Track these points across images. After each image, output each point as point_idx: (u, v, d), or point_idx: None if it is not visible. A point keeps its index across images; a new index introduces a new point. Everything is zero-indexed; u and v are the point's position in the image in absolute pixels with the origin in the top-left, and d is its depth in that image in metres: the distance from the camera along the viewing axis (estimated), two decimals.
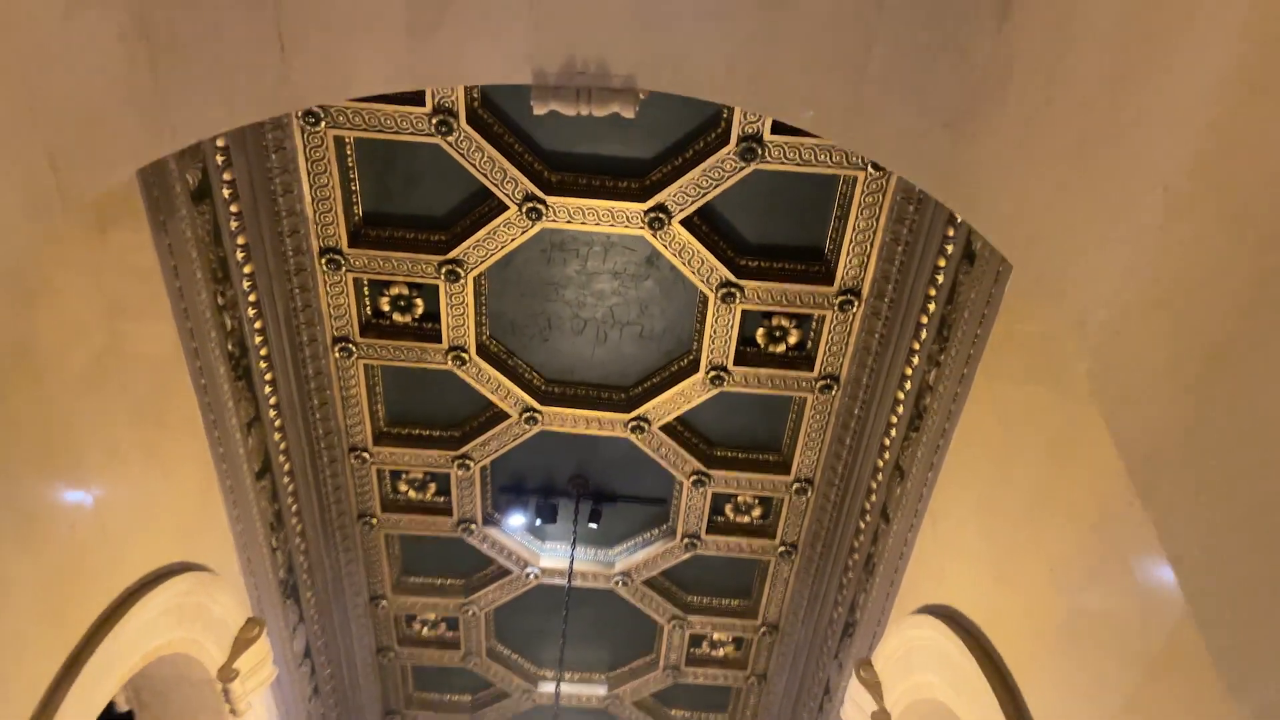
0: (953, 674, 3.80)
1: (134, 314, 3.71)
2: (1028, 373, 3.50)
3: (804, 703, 6.65)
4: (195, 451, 4.38)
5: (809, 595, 6.26)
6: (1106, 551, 2.83)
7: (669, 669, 7.06)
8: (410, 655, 7.08)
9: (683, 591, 6.67)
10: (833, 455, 5.55)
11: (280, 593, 5.61)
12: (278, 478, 5.30)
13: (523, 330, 5.29)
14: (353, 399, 5.48)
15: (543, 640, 7.06)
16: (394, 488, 6.04)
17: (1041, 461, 3.34)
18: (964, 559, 4.06)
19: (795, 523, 6.02)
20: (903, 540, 4.88)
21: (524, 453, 5.88)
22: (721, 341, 5.15)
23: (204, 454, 4.45)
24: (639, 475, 6.01)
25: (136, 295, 3.74)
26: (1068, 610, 3.10)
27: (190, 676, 4.68)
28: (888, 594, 5.10)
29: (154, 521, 4.01)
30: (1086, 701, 2.89)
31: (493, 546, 6.29)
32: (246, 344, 4.70)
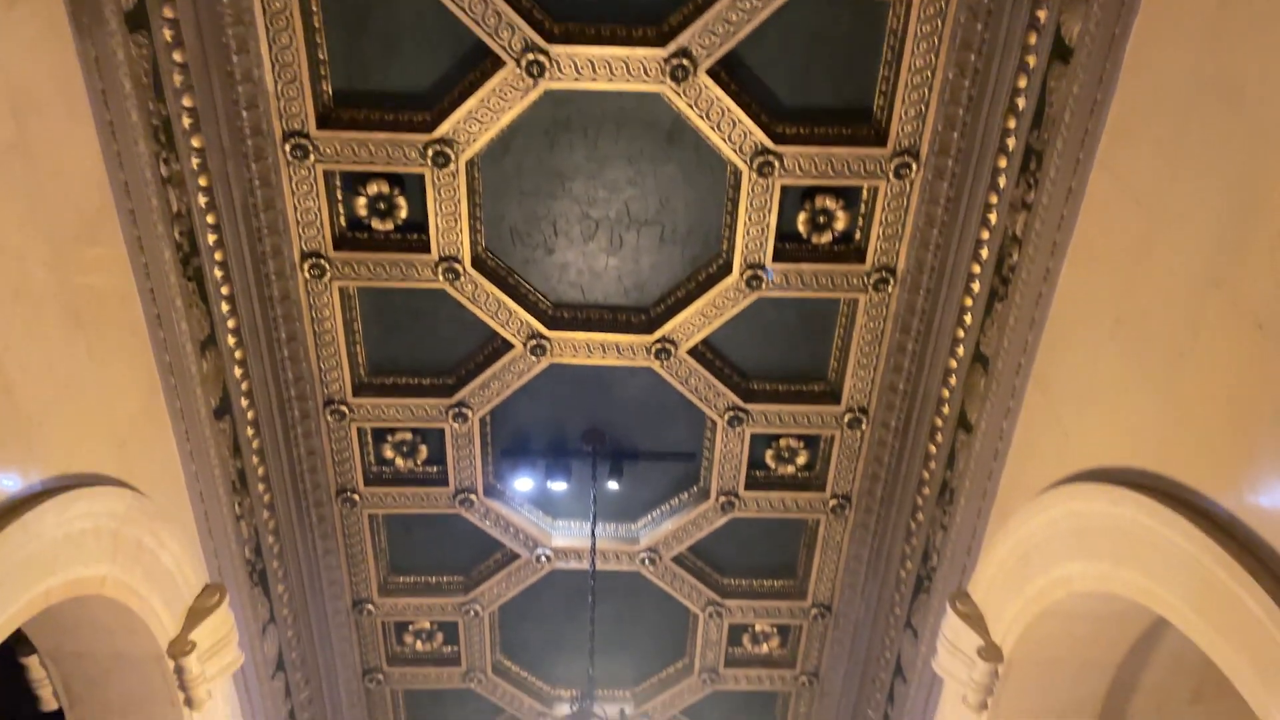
0: (1124, 542, 2.98)
1: (48, 116, 2.93)
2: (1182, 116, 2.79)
3: (867, 696, 5.70)
4: (134, 345, 3.55)
5: (868, 556, 5.39)
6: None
7: (705, 673, 6.10)
8: (402, 677, 6.07)
9: (718, 573, 5.78)
10: (891, 370, 4.78)
11: (247, 574, 4.67)
12: (240, 426, 4.43)
13: (525, 239, 4.54)
14: (327, 337, 4.67)
15: (557, 650, 6.09)
16: (378, 454, 5.17)
17: (1219, 208, 2.61)
18: (1100, 403, 3.27)
19: (848, 467, 5.20)
20: (995, 436, 4.08)
21: (529, 402, 5.06)
22: (757, 231, 4.42)
23: (144, 351, 3.61)
24: (664, 425, 5.20)
25: (51, 98, 2.96)
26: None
27: (131, 653, 3.73)
28: (978, 511, 4.28)
29: (78, 409, 3.15)
30: None
31: (496, 523, 5.39)
32: (198, 241, 3.91)
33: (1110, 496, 3.06)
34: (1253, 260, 2.53)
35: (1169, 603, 2.78)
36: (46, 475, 2.93)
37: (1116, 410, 3.18)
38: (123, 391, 3.48)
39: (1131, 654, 3.83)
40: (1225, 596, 2.52)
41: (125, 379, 3.50)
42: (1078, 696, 3.90)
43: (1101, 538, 3.13)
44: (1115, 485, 3.05)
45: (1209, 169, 2.72)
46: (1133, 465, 3.06)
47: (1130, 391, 3.10)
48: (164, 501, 3.75)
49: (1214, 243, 2.69)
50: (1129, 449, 3.09)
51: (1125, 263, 3.12)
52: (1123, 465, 3.11)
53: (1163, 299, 2.92)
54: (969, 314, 4.23)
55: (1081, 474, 3.34)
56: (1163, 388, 2.93)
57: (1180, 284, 2.83)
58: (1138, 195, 3.03)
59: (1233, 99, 2.61)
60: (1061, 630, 3.72)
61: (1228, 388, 2.64)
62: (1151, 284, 2.98)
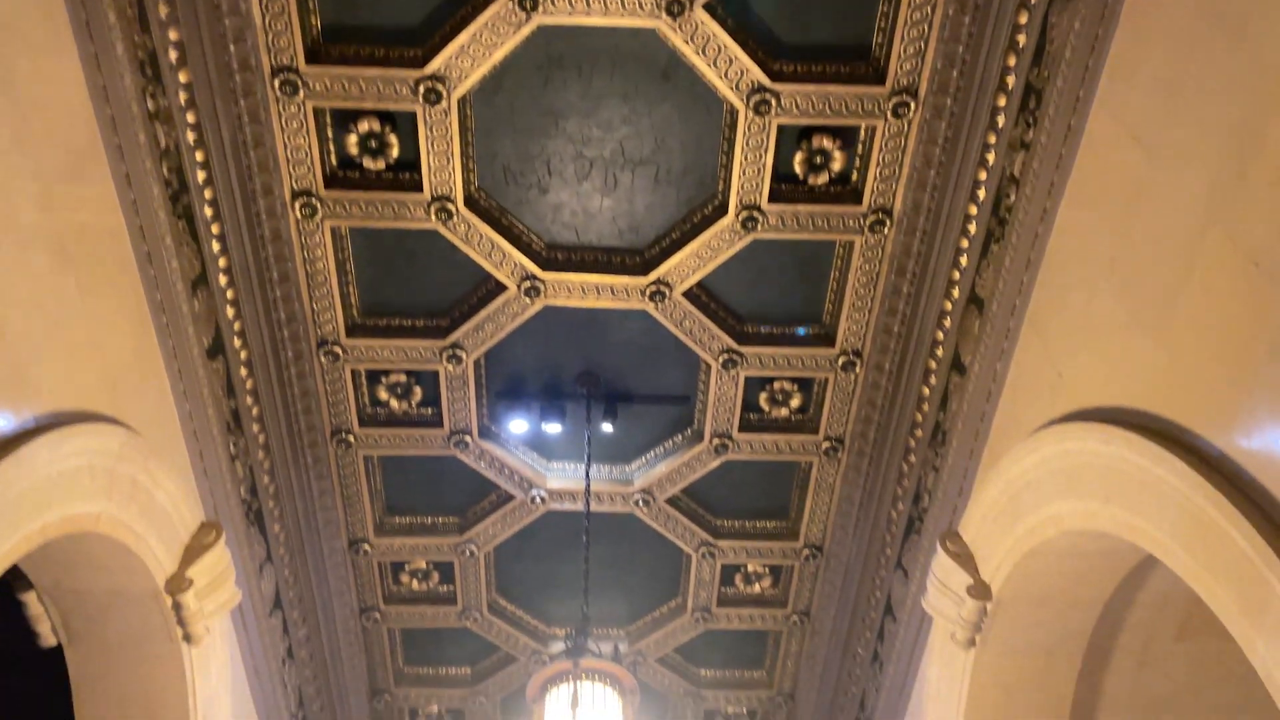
0: (1114, 480, 3.00)
1: (31, 48, 2.87)
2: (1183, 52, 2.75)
3: (858, 634, 5.78)
4: (124, 283, 3.52)
5: (860, 498, 5.43)
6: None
7: (698, 612, 6.17)
8: (399, 616, 6.14)
9: (711, 514, 5.81)
10: (886, 313, 4.77)
11: (243, 513, 4.69)
12: (233, 366, 4.42)
13: (518, 179, 4.49)
14: (319, 277, 4.63)
15: (552, 590, 6.15)
16: (373, 395, 5.17)
17: (1219, 146, 2.59)
18: (1094, 344, 3.27)
19: (841, 409, 5.21)
20: (989, 378, 4.09)
21: (523, 345, 5.05)
22: (754, 172, 4.37)
23: (135, 290, 3.58)
24: (658, 368, 5.20)
25: (33, 30, 2.90)
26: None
27: (128, 590, 3.76)
28: (970, 452, 4.31)
29: (69, 346, 3.13)
30: None
31: (491, 465, 5.41)
32: (187, 178, 3.86)
33: (1101, 435, 3.08)
34: (1251, 197, 2.51)
35: (1157, 540, 2.81)
36: (39, 412, 2.92)
37: (1110, 350, 3.18)
38: (114, 329, 3.46)
39: (1118, 592, 3.89)
40: (1213, 533, 2.55)
41: (116, 317, 3.48)
42: (1065, 633, 3.96)
43: (1092, 476, 3.15)
44: (1107, 424, 3.06)
45: (1210, 106, 2.69)
46: (1125, 405, 3.07)
47: (1124, 331, 3.10)
48: (157, 440, 3.75)
49: (1213, 180, 2.67)
50: (1121, 389, 3.10)
51: (1123, 202, 3.10)
52: (1115, 405, 3.12)
53: (1159, 238, 2.91)
54: (964, 256, 4.21)
55: (1073, 414, 3.35)
56: (1157, 327, 2.93)
57: (1178, 222, 2.81)
58: (1137, 133, 3.00)
59: (1234, 35, 2.57)
60: (1050, 568, 3.77)
61: (1222, 326, 2.64)
62: (1148, 223, 2.97)
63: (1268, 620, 2.36)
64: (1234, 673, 4.01)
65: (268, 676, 5.20)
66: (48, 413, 2.97)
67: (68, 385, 3.13)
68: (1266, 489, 2.44)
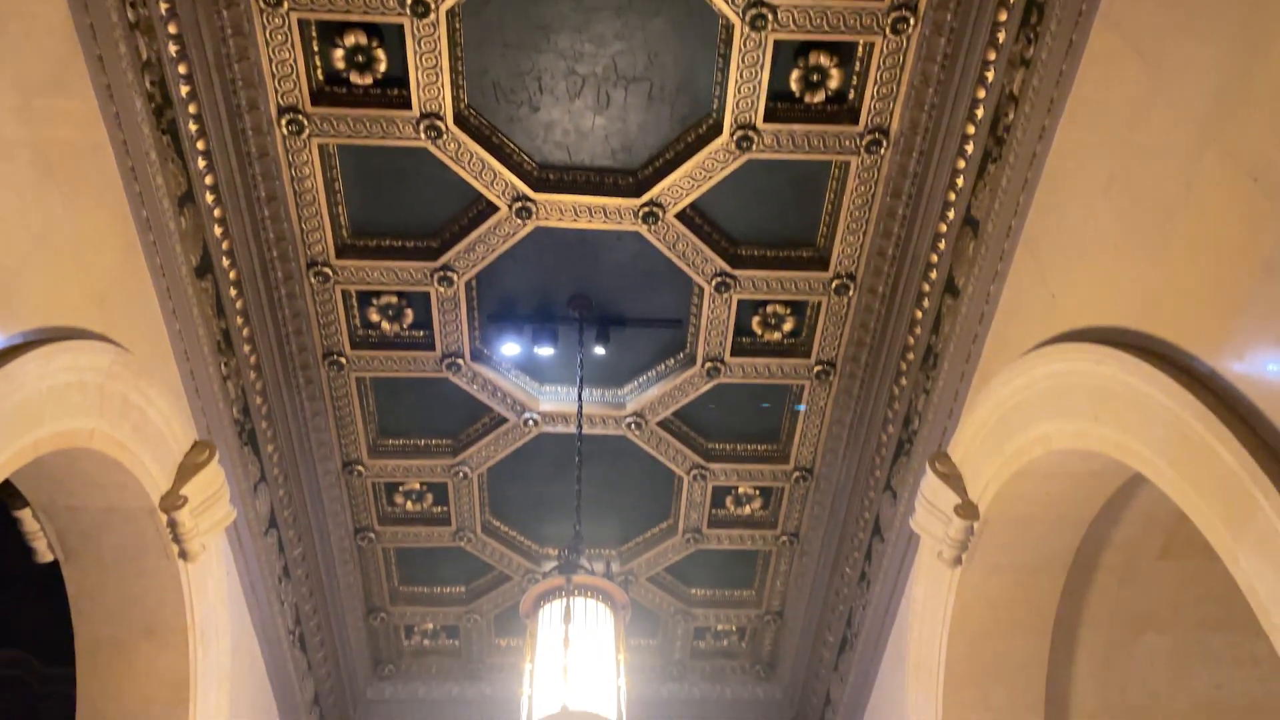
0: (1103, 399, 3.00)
1: None
2: None
3: (846, 554, 5.87)
4: (109, 199, 3.46)
5: (851, 421, 5.46)
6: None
7: (689, 533, 6.24)
8: (393, 536, 6.20)
9: (703, 437, 5.85)
10: (880, 236, 4.73)
11: (236, 433, 4.70)
12: (222, 286, 4.38)
13: (508, 96, 4.40)
14: (308, 196, 4.57)
15: (545, 511, 6.21)
16: (364, 317, 5.14)
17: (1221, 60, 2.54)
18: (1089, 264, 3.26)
19: (834, 333, 5.21)
20: (982, 300, 4.08)
21: (515, 267, 5.01)
22: (749, 90, 4.29)
23: (120, 206, 3.52)
24: (651, 291, 5.17)
25: None
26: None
27: (123, 507, 3.78)
28: (961, 375, 4.32)
29: (55, 262, 3.10)
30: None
31: (484, 388, 5.42)
32: (170, 93, 3.78)
33: (1093, 355, 3.08)
34: (1252, 112, 2.47)
35: (1144, 457, 2.84)
36: (27, 327, 2.90)
37: (1104, 270, 3.17)
38: (100, 246, 3.41)
39: (1104, 512, 3.94)
40: (1200, 449, 2.57)
41: (102, 233, 3.43)
42: (1050, 552, 4.03)
43: (1082, 396, 3.17)
44: (1098, 344, 3.06)
45: (1214, 18, 2.63)
46: (1117, 324, 3.07)
47: (1119, 251, 3.08)
48: (148, 359, 3.73)
49: (1214, 95, 2.63)
50: (1115, 308, 3.10)
51: (1123, 118, 3.05)
52: (1107, 325, 3.12)
53: (1158, 155, 2.87)
54: (961, 176, 4.16)
55: (1065, 334, 3.36)
56: (1152, 246, 2.92)
57: (1178, 139, 2.77)
58: (1139, 47, 2.94)
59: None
60: (1037, 488, 3.81)
61: (1217, 243, 2.63)
62: (1148, 140, 2.93)
63: (1251, 534, 2.40)
64: (1214, 590, 4.09)
65: (264, 594, 5.27)
66: (35, 328, 2.94)
67: (55, 301, 3.10)
68: (1255, 405, 2.45)
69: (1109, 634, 4.21)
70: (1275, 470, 2.30)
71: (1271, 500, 2.28)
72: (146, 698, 4.07)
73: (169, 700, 4.08)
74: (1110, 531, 4.07)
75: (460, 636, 6.91)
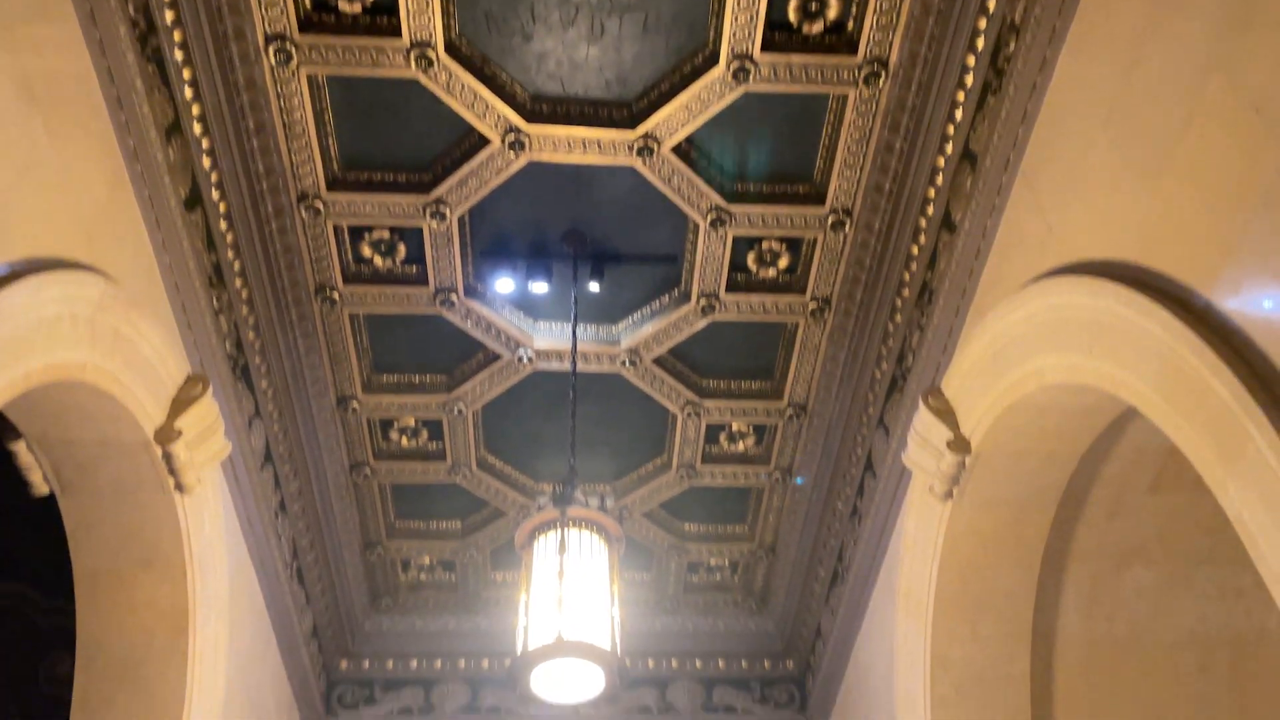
0: (1099, 333, 3.00)
1: None
2: None
3: (838, 490, 5.92)
4: (95, 129, 3.40)
5: (845, 358, 5.46)
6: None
7: (683, 470, 6.28)
8: (389, 471, 6.23)
9: (697, 375, 5.85)
10: (878, 171, 4.68)
11: (229, 368, 4.69)
12: (212, 219, 4.34)
13: (500, 25, 4.31)
14: (297, 128, 4.49)
15: (540, 448, 6.23)
16: (356, 252, 5.09)
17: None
18: (1087, 197, 3.23)
19: (829, 270, 5.19)
20: (978, 235, 4.06)
21: (508, 202, 4.95)
22: (746, 19, 4.21)
23: (107, 136, 3.46)
24: (646, 226, 5.13)
25: None
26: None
27: (118, 440, 3.78)
28: (956, 310, 4.31)
29: (41, 192, 3.05)
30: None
31: (478, 324, 5.40)
32: (155, 19, 3.68)
33: (1089, 289, 3.07)
34: (1255, 42, 2.43)
35: (1138, 390, 2.84)
36: (13, 258, 2.86)
37: (1102, 203, 3.14)
38: (87, 176, 3.36)
39: (1095, 447, 3.97)
40: (1194, 382, 2.58)
41: (88, 163, 3.38)
42: (1040, 486, 4.06)
43: (1077, 330, 3.17)
44: (1094, 277, 3.05)
45: None
46: (1114, 258, 3.05)
47: (1118, 183, 3.06)
48: (138, 291, 3.70)
49: (1217, 26, 2.58)
50: (1112, 241, 3.08)
51: (1125, 48, 3.00)
52: (1104, 258, 3.11)
53: (1160, 85, 2.83)
54: (960, 109, 4.11)
55: (1062, 268, 3.34)
56: (1151, 178, 2.89)
57: (1180, 68, 2.73)
58: None
59: None
60: (1029, 423, 3.83)
61: (1217, 175, 2.60)
62: (1150, 70, 2.88)
63: (1241, 465, 2.41)
64: (1202, 524, 4.14)
65: (261, 528, 5.31)
66: (23, 259, 2.91)
67: (42, 232, 3.06)
68: (1250, 338, 2.45)
69: (1096, 567, 4.27)
70: (1268, 402, 2.31)
71: (1263, 431, 2.30)
72: (146, 628, 4.12)
73: (168, 630, 4.13)
74: (1100, 466, 4.10)
75: (456, 571, 6.99)
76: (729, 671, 7.08)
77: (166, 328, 3.98)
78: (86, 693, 4.10)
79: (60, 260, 3.12)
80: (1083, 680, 4.29)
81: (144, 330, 3.65)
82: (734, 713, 6.94)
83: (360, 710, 6.86)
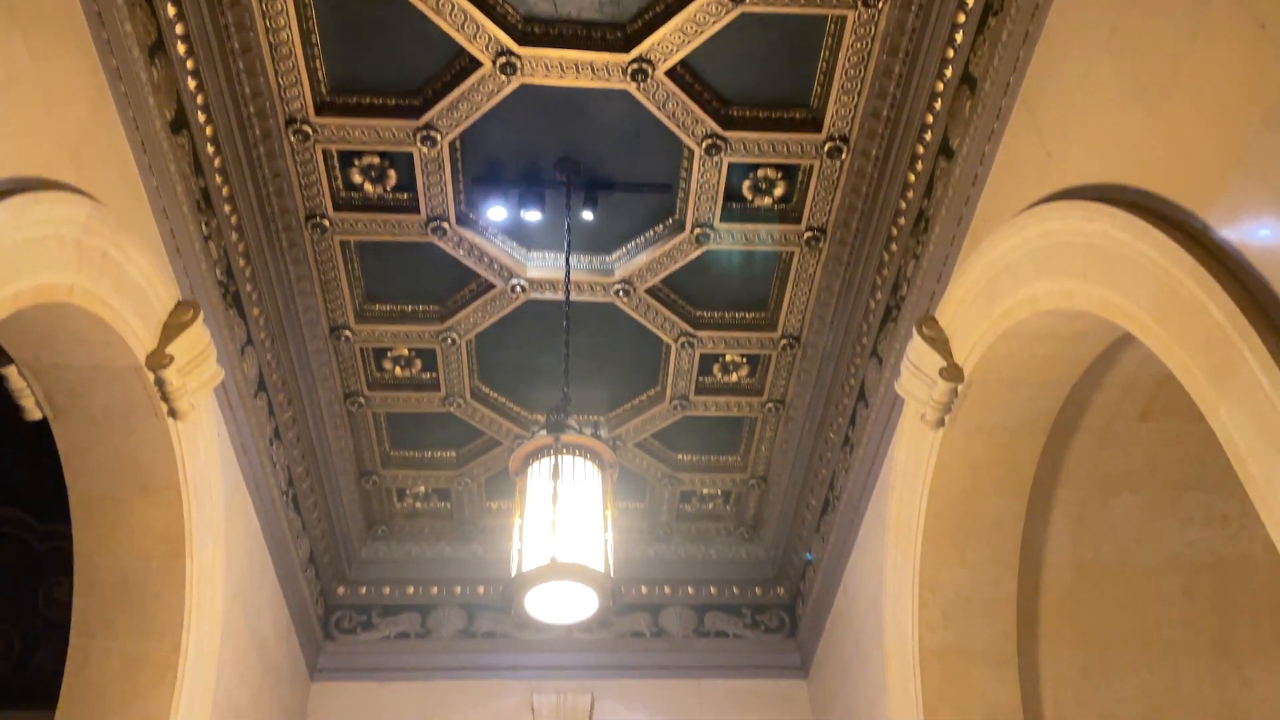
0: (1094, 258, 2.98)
1: None
2: None
3: (830, 420, 5.95)
4: (76, 46, 3.32)
5: (839, 288, 5.45)
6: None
7: (676, 400, 6.30)
8: (383, 401, 6.24)
9: (691, 305, 5.84)
10: (876, 96, 4.61)
11: (220, 295, 4.66)
12: (199, 142, 4.26)
13: None
14: (284, 50, 4.39)
15: (534, 378, 6.23)
16: (346, 179, 5.03)
17: None
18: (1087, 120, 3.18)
19: (825, 199, 5.14)
20: (976, 161, 4.01)
21: (500, 127, 4.88)
22: None
23: (89, 54, 3.38)
24: (640, 154, 5.06)
25: None
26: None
27: (109, 365, 3.77)
28: (952, 238, 4.28)
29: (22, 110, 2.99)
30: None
31: (470, 253, 5.36)
32: None
33: (1085, 213, 3.04)
34: None
35: (1132, 314, 2.84)
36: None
37: (1103, 126, 3.10)
38: (69, 96, 3.29)
39: (1087, 375, 3.98)
40: (1189, 304, 2.57)
41: (71, 82, 3.30)
42: (1032, 413, 4.08)
43: (1073, 255, 3.15)
44: (1091, 201, 3.02)
45: None
46: (1113, 181, 3.02)
47: (1119, 105, 3.01)
48: (125, 215, 3.65)
49: None
50: (1111, 165, 3.04)
51: None
52: (1103, 182, 3.08)
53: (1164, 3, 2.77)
54: (960, 31, 4.03)
55: (1060, 193, 3.31)
56: (1152, 99, 2.84)
57: None
58: None
59: None
60: (1022, 351, 3.83)
61: (1219, 95, 2.56)
62: None
63: (1233, 387, 2.42)
64: (1191, 451, 4.18)
65: (256, 455, 5.33)
66: (6, 178, 2.86)
67: (24, 151, 3.00)
68: (1246, 260, 2.44)
69: (1085, 493, 4.31)
70: (1262, 323, 2.30)
71: (1256, 352, 2.30)
72: (143, 552, 4.15)
73: (165, 554, 4.16)
74: (1092, 394, 4.12)
75: (452, 499, 7.04)
76: (720, 598, 7.20)
77: (155, 252, 3.94)
78: (86, 615, 4.15)
79: (45, 180, 3.07)
80: (1068, 604, 4.36)
81: (132, 254, 3.61)
82: (725, 637, 7.07)
83: (358, 635, 6.98)
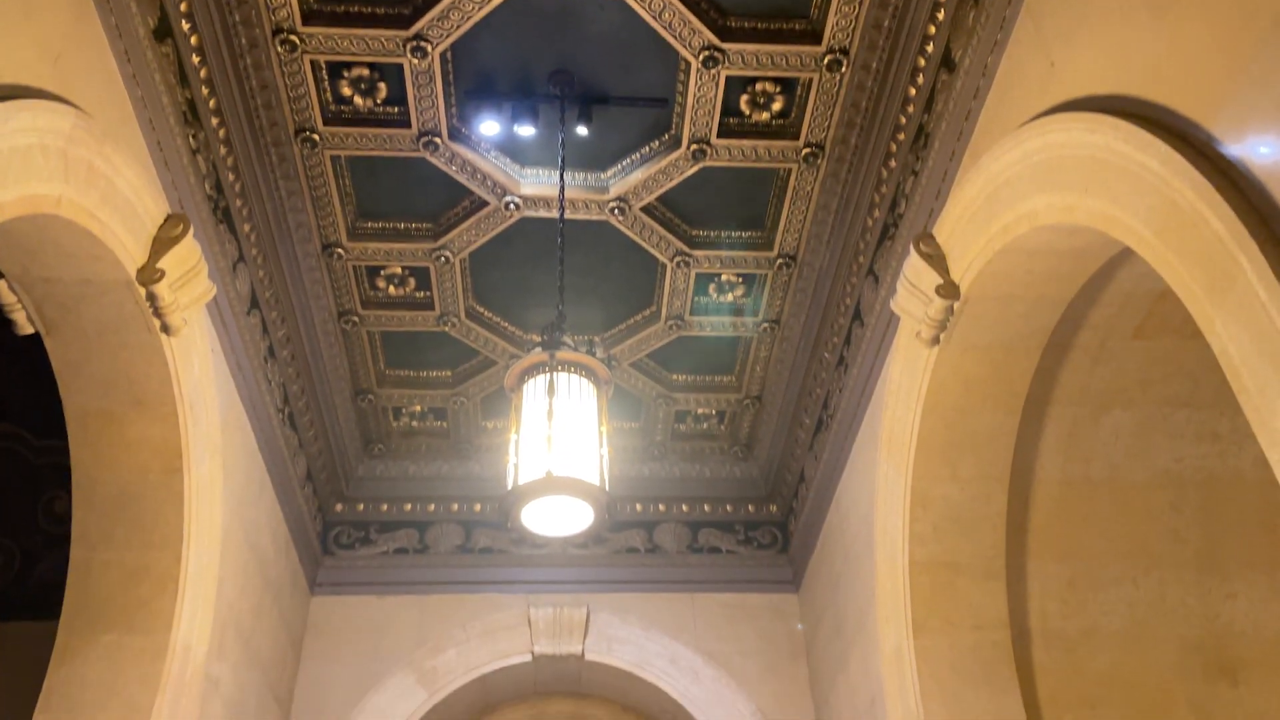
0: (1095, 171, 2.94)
1: None
2: None
3: (825, 339, 5.95)
4: None
5: (837, 206, 5.40)
6: None
7: (672, 320, 6.29)
8: (377, 320, 6.22)
9: (687, 225, 5.78)
10: (877, 6, 4.50)
11: (210, 210, 4.60)
12: (184, 52, 4.16)
13: None
14: None
15: (528, 297, 6.20)
16: (336, 91, 4.93)
17: None
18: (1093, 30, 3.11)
19: (824, 114, 5.05)
20: (978, 74, 3.93)
21: (492, 38, 4.76)
22: None
23: None
24: (635, 66, 4.95)
25: None
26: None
27: (99, 279, 3.74)
28: (951, 154, 4.22)
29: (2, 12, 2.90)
30: None
31: (463, 169, 5.28)
32: None
33: (1086, 124, 2.99)
34: None
35: (1131, 228, 2.81)
36: None
37: (1108, 36, 3.03)
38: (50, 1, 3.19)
39: (1083, 291, 3.96)
40: (1189, 217, 2.54)
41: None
42: (1027, 330, 4.07)
43: (1073, 168, 3.11)
44: (1093, 113, 2.97)
45: None
46: (1116, 92, 2.96)
47: (1125, 14, 2.94)
48: (111, 125, 3.58)
49: None
50: (1115, 76, 2.98)
51: None
52: (1106, 93, 3.02)
53: None
54: None
55: (1063, 105, 3.25)
56: (1159, 7, 2.77)
57: None
58: None
59: None
60: (1020, 267, 3.81)
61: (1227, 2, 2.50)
62: None
63: (1230, 299, 2.41)
64: (1184, 368, 4.19)
65: (251, 373, 5.33)
66: None
67: (5, 56, 2.93)
68: (1249, 170, 2.41)
69: (1077, 410, 4.33)
70: (1263, 234, 2.28)
71: (1254, 263, 2.28)
72: (140, 465, 4.17)
73: (162, 468, 4.19)
74: (1087, 311, 4.11)
75: (448, 418, 7.07)
76: (714, 515, 7.29)
77: (142, 165, 3.87)
78: (85, 528, 4.19)
79: (27, 88, 3.00)
80: (1057, 519, 4.42)
81: (119, 165, 3.55)
82: (718, 553, 7.19)
83: (357, 550, 7.07)
